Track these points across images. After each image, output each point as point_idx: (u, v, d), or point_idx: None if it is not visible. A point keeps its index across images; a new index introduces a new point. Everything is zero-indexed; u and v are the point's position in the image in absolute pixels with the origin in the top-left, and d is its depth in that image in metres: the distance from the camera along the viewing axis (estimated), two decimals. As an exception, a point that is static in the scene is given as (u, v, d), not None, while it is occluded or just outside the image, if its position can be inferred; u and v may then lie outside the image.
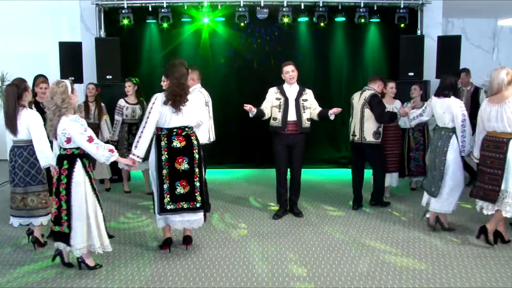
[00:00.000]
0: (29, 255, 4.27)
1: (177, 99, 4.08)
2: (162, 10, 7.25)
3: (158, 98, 4.13)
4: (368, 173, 5.74)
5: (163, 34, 7.75)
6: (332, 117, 5.16)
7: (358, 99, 5.46)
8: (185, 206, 4.18)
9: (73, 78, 7.04)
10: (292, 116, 5.14)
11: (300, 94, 5.20)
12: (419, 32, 7.49)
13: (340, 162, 8.12)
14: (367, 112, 5.33)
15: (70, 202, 3.77)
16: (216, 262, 4.11)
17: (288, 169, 5.33)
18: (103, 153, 3.77)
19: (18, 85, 4.25)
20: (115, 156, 3.86)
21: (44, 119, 4.02)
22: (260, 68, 7.87)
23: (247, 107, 4.98)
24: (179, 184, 4.15)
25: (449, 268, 3.94)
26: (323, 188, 6.73)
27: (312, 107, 5.23)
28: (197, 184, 4.20)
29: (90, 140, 3.73)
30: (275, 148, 5.25)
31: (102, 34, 7.42)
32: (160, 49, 7.84)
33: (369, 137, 5.35)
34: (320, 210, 5.62)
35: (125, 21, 7.28)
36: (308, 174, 7.32)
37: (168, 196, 4.13)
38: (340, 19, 7.53)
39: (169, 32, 7.69)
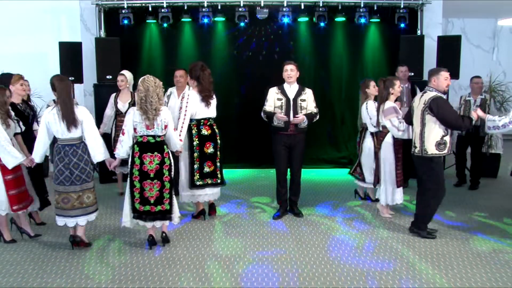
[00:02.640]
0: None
1: (208, 95, 5.00)
2: (162, 10, 7.25)
3: (192, 94, 4.92)
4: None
5: (163, 34, 7.75)
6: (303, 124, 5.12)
7: (418, 103, 4.62)
8: (209, 181, 5.08)
9: (73, 78, 7.06)
10: (291, 116, 5.14)
11: (298, 94, 5.19)
12: (419, 32, 7.48)
13: (340, 162, 8.11)
14: (429, 118, 4.48)
15: (172, 181, 4.35)
16: (216, 262, 4.11)
17: (288, 169, 5.33)
18: (178, 140, 4.54)
19: (68, 80, 4.29)
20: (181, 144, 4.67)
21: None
22: (260, 68, 7.86)
23: (283, 117, 5.03)
24: (206, 165, 5.02)
25: (449, 268, 3.94)
26: (323, 188, 6.73)
27: (308, 108, 5.21)
28: (218, 164, 5.13)
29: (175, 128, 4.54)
30: (275, 148, 5.24)
31: (102, 34, 7.41)
32: (160, 49, 7.83)
33: (432, 149, 4.48)
34: (320, 210, 5.62)
35: (125, 21, 7.28)
36: (308, 174, 7.33)
37: (198, 174, 5.00)
38: (340, 19, 7.53)
39: (169, 32, 7.70)
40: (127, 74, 6.28)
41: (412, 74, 7.10)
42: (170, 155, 4.37)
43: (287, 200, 5.41)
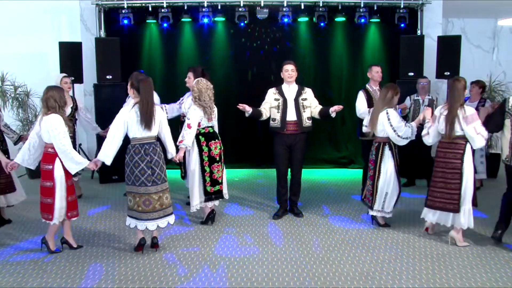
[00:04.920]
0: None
1: None
2: (162, 10, 7.26)
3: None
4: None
5: (163, 34, 7.76)
6: (333, 115, 5.16)
7: None
8: None
9: (73, 78, 7.06)
10: (291, 116, 5.15)
11: (299, 93, 5.20)
12: (419, 32, 7.49)
13: (340, 162, 8.11)
14: None
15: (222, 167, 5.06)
16: (216, 262, 4.11)
17: (289, 169, 5.33)
18: None
19: (150, 79, 4.24)
20: None
21: None
22: (260, 68, 7.87)
23: (241, 106, 5.07)
24: None
25: (449, 268, 3.94)
26: (323, 188, 6.73)
27: (312, 106, 5.23)
28: None
29: None
30: (276, 149, 5.24)
31: (102, 34, 7.41)
32: (160, 49, 7.84)
33: None
34: (320, 210, 5.62)
35: (125, 21, 7.28)
36: (308, 174, 7.32)
37: None
38: (340, 19, 7.54)
39: (169, 32, 7.70)
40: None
41: (412, 74, 7.11)
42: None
43: (287, 200, 5.41)
